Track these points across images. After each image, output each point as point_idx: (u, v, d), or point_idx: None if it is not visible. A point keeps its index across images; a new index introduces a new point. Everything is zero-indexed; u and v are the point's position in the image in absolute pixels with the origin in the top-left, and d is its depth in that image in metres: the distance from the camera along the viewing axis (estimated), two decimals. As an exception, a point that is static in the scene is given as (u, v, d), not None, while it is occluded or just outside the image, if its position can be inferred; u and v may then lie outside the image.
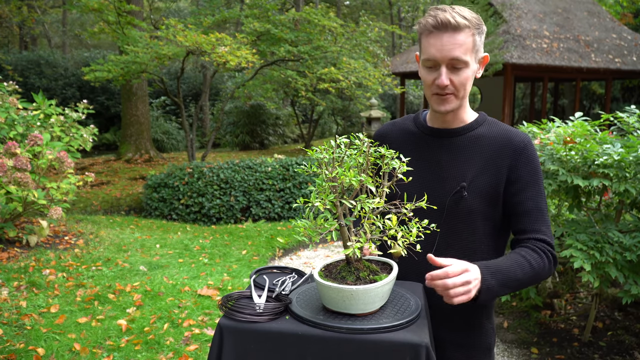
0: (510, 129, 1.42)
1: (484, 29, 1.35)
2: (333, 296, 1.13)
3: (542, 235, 1.33)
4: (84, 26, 23.07)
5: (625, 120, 3.26)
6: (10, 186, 4.54)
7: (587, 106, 18.62)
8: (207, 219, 7.41)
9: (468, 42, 1.30)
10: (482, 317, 1.43)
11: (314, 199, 1.14)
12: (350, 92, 10.14)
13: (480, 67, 1.39)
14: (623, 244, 2.88)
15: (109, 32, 9.38)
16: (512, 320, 3.94)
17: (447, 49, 1.28)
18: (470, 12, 1.33)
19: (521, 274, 1.26)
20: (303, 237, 1.17)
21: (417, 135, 1.46)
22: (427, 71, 1.34)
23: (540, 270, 1.30)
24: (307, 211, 1.17)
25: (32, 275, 4.16)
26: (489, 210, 1.36)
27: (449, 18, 1.27)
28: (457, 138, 1.41)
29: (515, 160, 1.36)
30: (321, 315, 1.14)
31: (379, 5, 25.41)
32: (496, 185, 1.35)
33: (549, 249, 1.33)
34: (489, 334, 1.45)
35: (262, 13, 9.65)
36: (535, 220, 1.34)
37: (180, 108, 9.02)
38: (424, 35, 1.33)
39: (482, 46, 1.37)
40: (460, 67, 1.31)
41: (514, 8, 12.93)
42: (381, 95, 20.94)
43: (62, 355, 3.02)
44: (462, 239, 1.37)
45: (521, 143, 1.37)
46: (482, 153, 1.38)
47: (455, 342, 1.40)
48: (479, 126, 1.42)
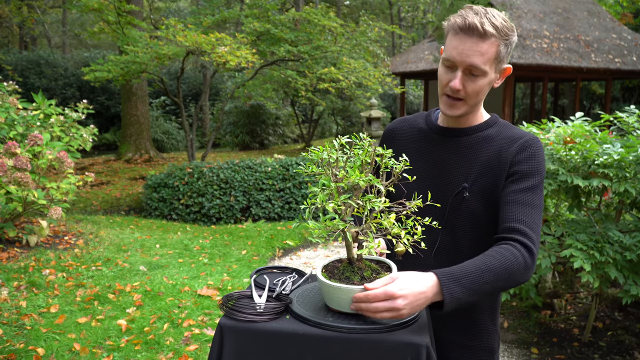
0: (521, 131, 1.38)
1: (514, 40, 1.30)
2: (342, 297, 1.13)
3: (520, 225, 1.23)
4: (84, 26, 23.05)
5: (625, 120, 3.26)
6: (10, 186, 4.54)
7: (587, 106, 18.62)
8: (207, 219, 7.41)
9: (491, 51, 1.26)
10: (486, 320, 1.41)
11: (323, 199, 1.13)
12: (350, 92, 10.14)
13: (501, 78, 1.35)
14: (623, 243, 2.88)
15: (109, 32, 9.38)
16: (512, 320, 3.94)
17: (467, 54, 1.25)
18: (504, 20, 1.28)
19: (492, 277, 1.16)
20: (317, 239, 1.15)
21: (427, 133, 1.45)
22: (445, 70, 1.32)
23: (513, 268, 1.19)
24: (307, 212, 1.15)
25: (32, 275, 4.16)
26: (490, 211, 1.34)
27: (477, 24, 1.24)
28: (465, 138, 1.39)
29: (517, 154, 1.32)
30: (322, 315, 1.14)
31: (379, 5, 25.41)
32: (496, 185, 1.33)
33: (523, 240, 1.22)
34: (492, 336, 1.43)
35: (262, 13, 9.65)
36: (518, 211, 1.26)
37: (180, 108, 9.02)
38: (450, 33, 1.30)
39: (507, 57, 1.32)
40: (477, 74, 1.28)
41: (514, 8, 12.94)
42: (381, 95, 20.93)
43: (62, 355, 3.02)
44: (463, 239, 1.36)
45: (526, 141, 1.33)
46: (487, 153, 1.35)
47: (458, 343, 1.40)
48: (489, 127, 1.39)
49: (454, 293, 1.13)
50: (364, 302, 1.10)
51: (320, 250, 6.21)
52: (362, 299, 1.09)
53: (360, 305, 1.10)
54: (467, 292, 1.14)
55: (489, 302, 1.42)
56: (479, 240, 1.35)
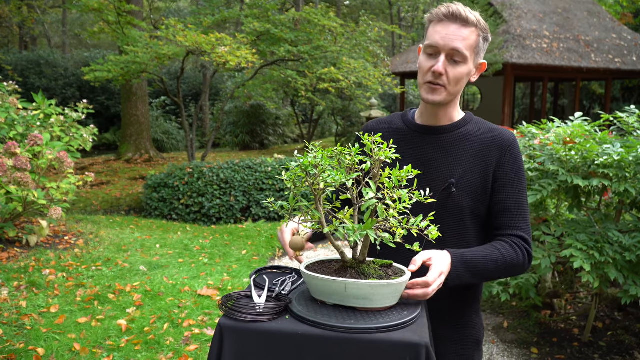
0: (497, 127, 1.46)
1: (489, 38, 1.42)
2: (376, 292, 1.14)
3: (521, 232, 1.38)
4: (84, 26, 23.06)
5: (625, 120, 3.26)
6: (10, 186, 4.54)
7: (587, 106, 18.63)
8: (207, 219, 7.41)
9: (472, 39, 1.35)
10: (471, 313, 1.48)
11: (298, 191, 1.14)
12: (350, 92, 10.13)
13: (477, 72, 1.43)
14: (623, 244, 2.88)
15: (109, 32, 9.38)
16: (512, 320, 3.95)
17: (450, 38, 1.33)
18: (481, 18, 1.39)
19: (494, 266, 1.32)
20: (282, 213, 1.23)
21: (405, 132, 1.49)
22: (426, 58, 1.38)
23: (514, 264, 1.35)
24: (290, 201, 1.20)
25: (32, 275, 4.17)
26: (476, 206, 1.40)
27: (461, 11, 1.34)
28: (445, 135, 1.44)
29: (502, 157, 1.40)
30: (321, 315, 1.15)
31: (379, 5, 25.42)
32: (484, 181, 1.39)
33: (525, 246, 1.37)
34: (477, 328, 1.50)
35: (262, 13, 9.65)
36: (516, 217, 1.38)
37: (180, 108, 9.02)
38: (432, 23, 1.38)
39: (483, 53, 1.41)
40: (458, 60, 1.35)
41: (514, 8, 12.94)
42: (381, 95, 20.94)
43: (62, 355, 3.02)
44: (450, 236, 1.40)
45: (507, 141, 1.41)
46: (470, 150, 1.41)
47: (447, 337, 1.44)
48: (467, 124, 1.45)
49: (460, 274, 1.28)
50: (422, 287, 1.20)
51: (321, 251, 6.21)
52: (422, 284, 1.20)
53: (417, 292, 1.20)
54: (469, 274, 1.29)
55: (473, 296, 1.48)
56: (463, 234, 1.41)
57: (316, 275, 1.17)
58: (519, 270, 1.37)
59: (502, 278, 1.37)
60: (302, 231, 1.36)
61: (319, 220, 1.21)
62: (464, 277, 1.29)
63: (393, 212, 1.16)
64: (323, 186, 1.16)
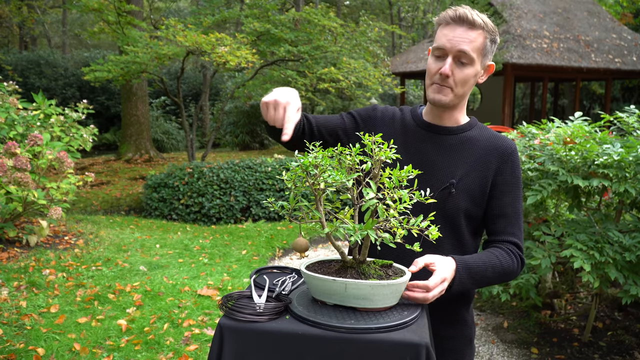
0: (499, 135, 1.50)
1: (497, 40, 1.43)
2: (376, 292, 1.14)
3: (515, 239, 1.42)
4: (84, 26, 23.05)
5: (625, 120, 3.26)
6: (10, 186, 4.54)
7: (587, 106, 18.62)
8: (207, 219, 7.41)
9: (479, 41, 1.37)
10: (463, 312, 1.51)
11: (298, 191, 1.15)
12: (350, 92, 10.13)
13: (484, 74, 1.45)
14: (623, 244, 2.88)
15: (109, 32, 9.38)
16: (512, 320, 3.95)
17: (457, 40, 1.35)
18: (489, 20, 1.41)
19: (492, 274, 1.36)
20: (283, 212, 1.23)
21: (411, 125, 1.50)
22: (434, 60, 1.41)
23: (509, 271, 1.40)
24: (290, 199, 1.19)
25: (32, 275, 4.17)
26: (473, 209, 1.42)
27: (467, 14, 1.36)
28: (450, 137, 1.45)
29: (502, 165, 1.43)
30: (321, 315, 1.15)
31: (379, 5, 25.41)
32: (483, 186, 1.42)
33: (519, 253, 1.42)
34: (469, 326, 1.53)
35: (262, 13, 9.64)
36: (512, 223, 1.43)
37: (180, 108, 9.02)
38: (440, 26, 1.40)
39: (491, 55, 1.43)
40: (465, 62, 1.37)
41: (514, 8, 12.94)
42: (381, 95, 20.93)
43: (62, 355, 3.02)
44: (446, 235, 1.41)
45: (509, 149, 1.45)
46: (472, 154, 1.43)
47: (440, 335, 1.45)
48: (471, 128, 1.48)
49: (463, 281, 1.30)
50: (423, 290, 1.21)
51: (321, 251, 6.21)
52: (422, 287, 1.21)
53: (416, 296, 1.21)
54: (471, 281, 1.32)
55: (467, 295, 1.50)
56: (458, 235, 1.43)
57: (316, 275, 1.17)
58: (512, 276, 1.42)
59: (497, 284, 1.43)
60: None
61: (319, 220, 1.21)
62: (467, 283, 1.32)
63: (393, 212, 1.16)
64: (323, 186, 1.16)
